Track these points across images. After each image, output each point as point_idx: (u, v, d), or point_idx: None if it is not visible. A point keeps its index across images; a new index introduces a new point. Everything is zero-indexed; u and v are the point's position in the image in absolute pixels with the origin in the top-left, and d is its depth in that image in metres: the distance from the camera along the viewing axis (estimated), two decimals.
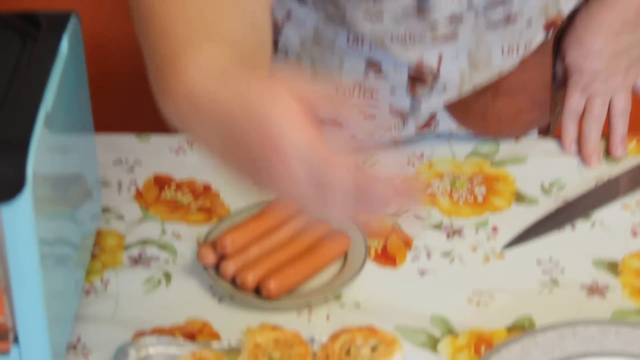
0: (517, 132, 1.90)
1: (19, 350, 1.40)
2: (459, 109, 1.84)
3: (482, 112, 1.84)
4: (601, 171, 1.87)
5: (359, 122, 1.10)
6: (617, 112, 1.87)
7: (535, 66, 1.83)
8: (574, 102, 1.88)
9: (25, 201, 1.31)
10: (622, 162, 1.89)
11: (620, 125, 1.87)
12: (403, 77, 1.75)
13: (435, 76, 1.74)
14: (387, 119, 1.78)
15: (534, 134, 1.97)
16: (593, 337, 1.54)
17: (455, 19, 1.64)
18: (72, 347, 1.57)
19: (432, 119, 1.85)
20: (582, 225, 1.77)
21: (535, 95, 1.88)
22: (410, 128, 1.86)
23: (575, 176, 1.87)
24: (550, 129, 1.98)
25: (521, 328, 1.60)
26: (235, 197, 1.82)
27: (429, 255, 1.72)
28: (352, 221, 1.31)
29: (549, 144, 1.93)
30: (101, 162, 1.79)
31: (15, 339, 1.40)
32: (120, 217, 1.79)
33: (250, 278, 1.63)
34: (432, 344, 1.58)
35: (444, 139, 1.92)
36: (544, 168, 1.88)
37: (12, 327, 1.39)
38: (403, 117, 1.80)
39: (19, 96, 1.37)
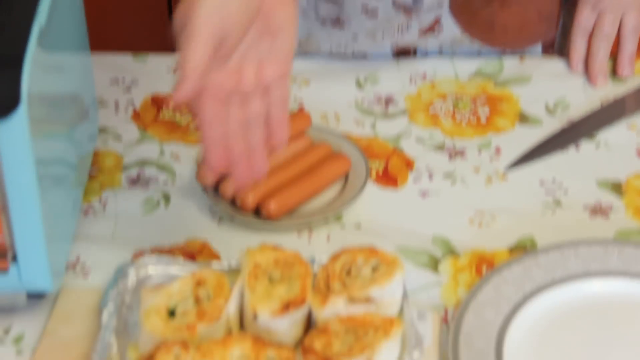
0: (522, 44, 1.88)
1: (17, 268, 1.41)
2: (465, 14, 1.81)
3: (488, 21, 1.82)
4: (607, 91, 1.86)
5: (362, 19, 1.11)
6: (628, 30, 1.85)
7: None
8: (584, 18, 1.85)
9: (20, 119, 1.30)
10: (629, 82, 1.88)
11: (630, 44, 1.85)
12: None
13: None
14: (390, 13, 1.76)
15: (538, 48, 1.96)
16: (595, 257, 1.54)
17: None
18: (71, 266, 1.58)
19: (436, 22, 1.82)
20: (586, 145, 1.77)
21: (543, 8, 1.85)
22: (414, 31, 1.84)
23: (580, 96, 1.86)
24: (554, 46, 1.97)
25: (523, 248, 1.60)
26: None
27: (430, 176, 1.72)
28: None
29: (554, 64, 1.91)
30: (97, 81, 1.78)
31: (14, 258, 1.41)
32: (118, 138, 1.78)
33: (250, 198, 1.63)
34: (433, 264, 1.59)
35: (446, 55, 1.90)
36: (549, 88, 1.87)
37: (10, 245, 1.40)
38: (407, 12, 1.77)
39: (12, 11, 1.36)
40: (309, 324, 1.44)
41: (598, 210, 1.66)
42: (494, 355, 1.42)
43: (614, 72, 1.88)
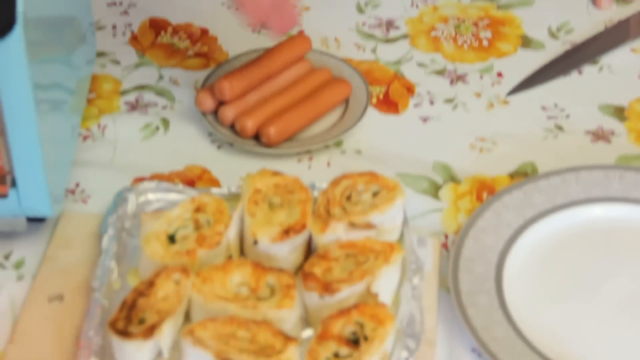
0: None
1: (17, 193, 1.41)
2: None
3: None
4: (611, 14, 1.85)
5: None
6: None
7: None
8: None
9: (16, 40, 1.29)
10: (633, 4, 1.86)
11: None
12: None
13: None
14: None
15: None
16: (597, 182, 1.55)
17: None
18: (71, 192, 1.58)
19: None
20: (589, 69, 1.76)
21: None
22: None
23: (584, 19, 1.84)
24: None
25: (524, 174, 1.61)
26: (233, 41, 1.80)
27: (431, 101, 1.72)
28: None
29: None
30: (94, 4, 1.76)
31: (13, 183, 1.41)
32: (116, 62, 1.77)
33: (250, 124, 1.63)
34: (434, 190, 1.59)
35: None
36: (552, 11, 1.85)
37: (9, 170, 1.40)
38: None
39: None
40: (309, 250, 1.45)
41: (600, 135, 1.66)
42: (493, 281, 1.43)
43: None
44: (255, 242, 1.40)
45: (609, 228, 1.51)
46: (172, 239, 1.41)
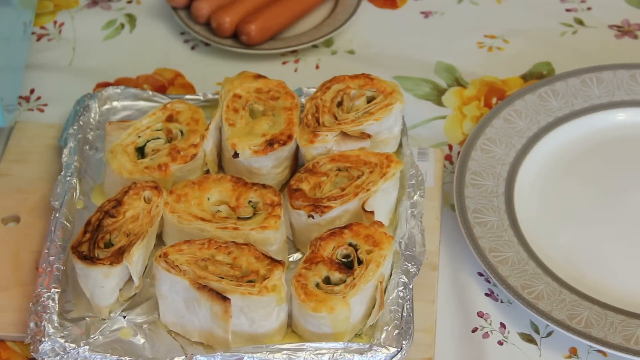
0: None
1: None
2: None
3: None
4: None
5: None
6: None
7: None
8: None
9: None
10: None
11: None
12: None
13: None
14: None
15: None
16: (621, 84, 1.54)
17: None
18: (25, 99, 1.58)
19: None
20: None
21: None
22: None
23: None
24: None
25: (538, 75, 1.60)
26: None
27: None
28: None
29: None
30: None
31: None
32: None
33: (228, 21, 1.62)
34: (437, 95, 1.59)
35: None
36: None
37: None
38: None
39: None
40: (296, 164, 1.45)
41: (625, 30, 1.66)
42: (503, 196, 1.44)
43: None
44: (235, 155, 1.40)
45: (633, 136, 1.51)
46: (141, 151, 1.41)
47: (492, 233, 1.39)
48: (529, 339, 1.33)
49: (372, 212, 1.35)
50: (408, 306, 1.29)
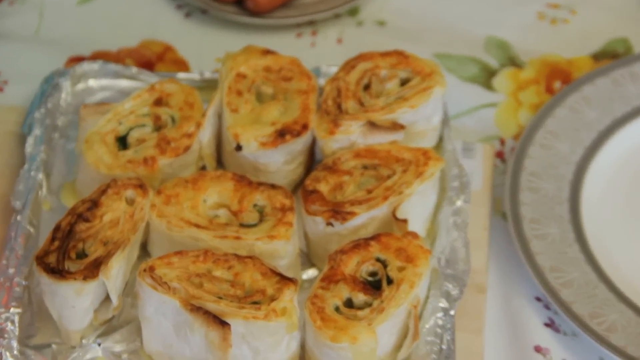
0: None
1: None
2: None
3: None
4: None
5: None
6: None
7: None
8: None
9: None
10: None
11: None
12: None
13: None
14: None
15: None
16: None
17: None
18: None
19: None
20: None
21: None
22: None
23: None
24: None
25: (613, 55, 1.61)
26: None
27: None
28: None
29: None
30: None
31: None
32: None
33: None
34: (486, 77, 1.60)
35: None
36: None
37: None
38: None
39: None
40: (312, 159, 1.46)
41: None
42: (568, 203, 1.44)
43: None
44: (238, 148, 1.41)
45: None
46: (123, 142, 1.42)
47: (554, 248, 1.40)
48: None
49: (405, 221, 1.35)
50: (448, 337, 1.30)
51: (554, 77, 1.59)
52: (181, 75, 1.53)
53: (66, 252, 1.31)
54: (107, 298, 1.32)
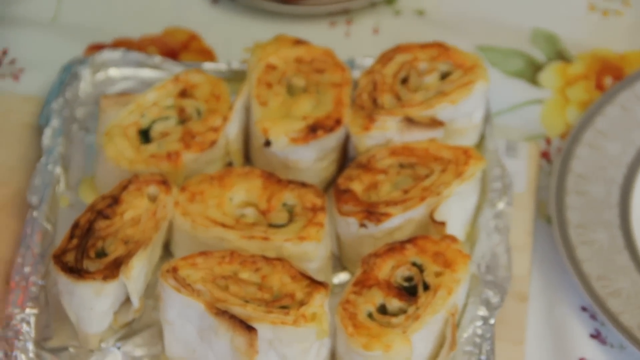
0: None
1: None
2: None
3: None
4: None
5: None
6: None
7: None
8: None
9: None
10: None
11: None
12: None
13: None
14: None
15: None
16: None
17: None
18: None
19: None
20: None
21: None
22: None
23: None
24: None
25: None
26: None
27: None
28: None
29: None
30: None
31: None
32: None
33: None
34: (532, 72, 1.61)
35: None
36: None
37: None
38: None
39: None
40: (345, 157, 1.47)
41: None
42: (618, 208, 1.45)
43: None
44: (267, 144, 1.42)
45: None
46: (145, 135, 1.43)
47: (602, 255, 1.41)
48: None
49: (443, 223, 1.36)
50: (488, 347, 1.31)
51: (605, 73, 1.60)
52: (207, 65, 1.54)
53: (85, 250, 1.32)
54: (128, 300, 1.33)
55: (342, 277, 1.41)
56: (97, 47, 1.61)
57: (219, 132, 1.42)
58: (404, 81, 1.45)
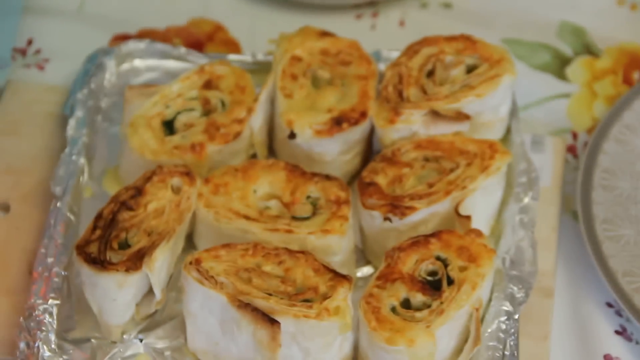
0: None
1: None
2: None
3: None
4: None
5: None
6: None
7: None
8: None
9: None
10: None
11: None
12: None
13: None
14: None
15: None
16: None
17: None
18: (21, 52, 1.61)
19: None
20: None
21: None
22: None
23: None
24: None
25: None
26: None
27: None
28: None
29: None
30: None
31: None
32: None
33: None
34: (559, 66, 1.60)
35: None
36: None
37: None
38: None
39: None
40: (370, 150, 1.47)
41: None
42: None
43: None
44: (292, 136, 1.42)
45: None
46: (169, 126, 1.43)
47: (628, 251, 1.40)
48: None
49: (468, 217, 1.36)
50: (512, 343, 1.31)
51: (633, 67, 1.59)
52: (232, 56, 1.54)
53: (108, 241, 1.32)
54: (150, 291, 1.34)
55: (365, 270, 1.41)
56: (122, 38, 1.61)
57: (243, 123, 1.42)
58: (430, 74, 1.45)
